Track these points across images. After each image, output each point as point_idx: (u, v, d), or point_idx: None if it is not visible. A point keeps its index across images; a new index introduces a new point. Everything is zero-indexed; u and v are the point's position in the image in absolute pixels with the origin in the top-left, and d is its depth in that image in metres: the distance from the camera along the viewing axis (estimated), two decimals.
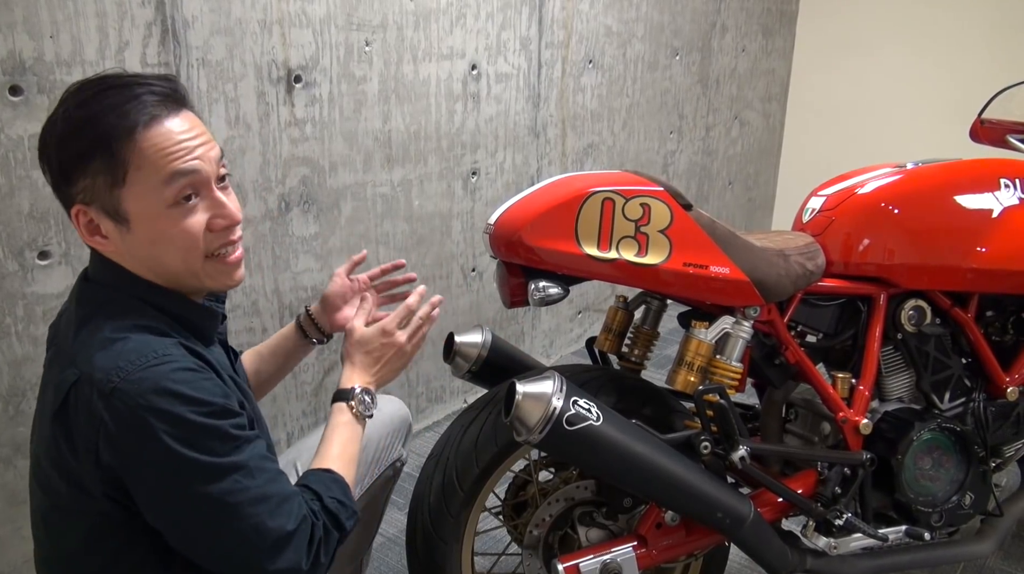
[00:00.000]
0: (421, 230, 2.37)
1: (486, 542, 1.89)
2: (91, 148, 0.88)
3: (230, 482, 0.89)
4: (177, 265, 0.95)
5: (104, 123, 0.88)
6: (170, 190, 0.91)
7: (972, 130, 1.87)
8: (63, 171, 0.90)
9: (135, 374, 0.86)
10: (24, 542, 1.62)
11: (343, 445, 1.09)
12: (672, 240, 1.24)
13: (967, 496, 1.50)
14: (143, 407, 0.85)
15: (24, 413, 1.57)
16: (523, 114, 2.61)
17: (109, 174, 0.89)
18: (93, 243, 0.94)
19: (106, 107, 0.88)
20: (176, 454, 0.86)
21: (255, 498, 0.91)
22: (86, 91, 0.91)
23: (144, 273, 0.96)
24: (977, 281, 1.46)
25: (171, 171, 0.90)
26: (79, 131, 0.88)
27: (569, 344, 3.17)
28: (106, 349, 0.89)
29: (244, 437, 0.93)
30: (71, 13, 1.50)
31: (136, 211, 0.91)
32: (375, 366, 1.18)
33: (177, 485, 0.88)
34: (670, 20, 3.20)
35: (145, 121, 0.89)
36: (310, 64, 1.94)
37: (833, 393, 1.43)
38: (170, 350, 0.91)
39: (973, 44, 3.53)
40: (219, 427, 0.90)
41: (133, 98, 0.89)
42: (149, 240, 0.93)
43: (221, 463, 0.89)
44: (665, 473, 1.20)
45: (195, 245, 0.95)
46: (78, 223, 0.93)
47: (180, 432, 0.87)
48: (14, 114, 1.46)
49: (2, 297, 1.50)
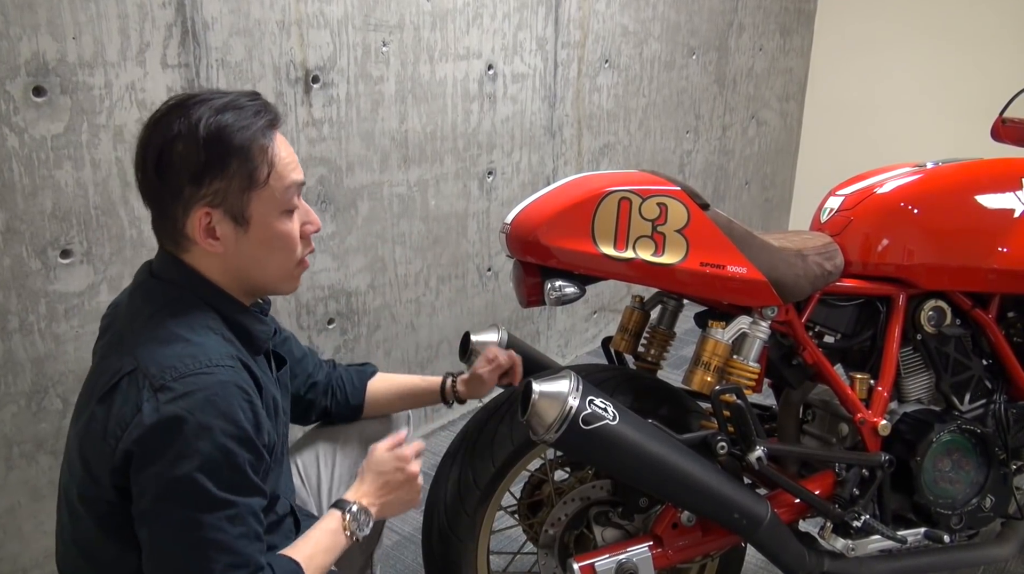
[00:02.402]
0: (437, 230, 2.38)
1: (501, 541, 1.90)
2: (229, 153, 0.95)
3: (214, 517, 0.89)
4: (278, 267, 1.03)
5: (241, 133, 0.95)
6: (287, 197, 1.00)
7: (993, 129, 1.85)
8: (196, 174, 0.94)
9: (188, 377, 0.89)
10: (46, 537, 1.64)
11: (319, 551, 1.05)
12: (689, 240, 1.23)
13: (987, 499, 1.48)
14: (183, 409, 0.88)
15: (46, 410, 1.60)
16: (539, 114, 2.62)
17: (245, 178, 0.96)
18: (206, 244, 0.98)
19: (238, 117, 0.96)
20: (187, 464, 0.88)
21: (223, 545, 0.90)
22: (203, 103, 0.95)
23: (225, 277, 1.01)
24: (998, 281, 1.44)
25: (291, 180, 1.00)
26: (216, 138, 0.94)
27: (585, 344, 3.16)
28: (167, 346, 0.92)
29: (251, 483, 0.93)
30: (93, 15, 1.52)
31: (258, 214, 0.98)
32: (382, 490, 1.13)
33: (168, 492, 0.89)
34: (687, 19, 3.19)
35: (273, 133, 0.99)
36: (328, 65, 1.95)
37: (851, 394, 1.42)
38: (226, 361, 0.93)
39: (994, 42, 3.49)
40: (238, 457, 0.91)
41: (255, 113, 0.98)
42: (261, 242, 1.00)
43: (217, 495, 0.89)
44: (681, 473, 1.20)
45: (295, 248, 1.03)
46: (199, 224, 0.97)
47: (205, 446, 0.88)
48: (37, 115, 1.48)
49: (25, 295, 1.53)
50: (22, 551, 1.62)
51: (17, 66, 1.43)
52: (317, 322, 2.10)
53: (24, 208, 1.49)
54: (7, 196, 1.47)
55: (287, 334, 1.33)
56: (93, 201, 1.59)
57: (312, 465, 1.34)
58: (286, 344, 1.31)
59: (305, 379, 1.33)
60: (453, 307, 2.51)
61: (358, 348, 2.23)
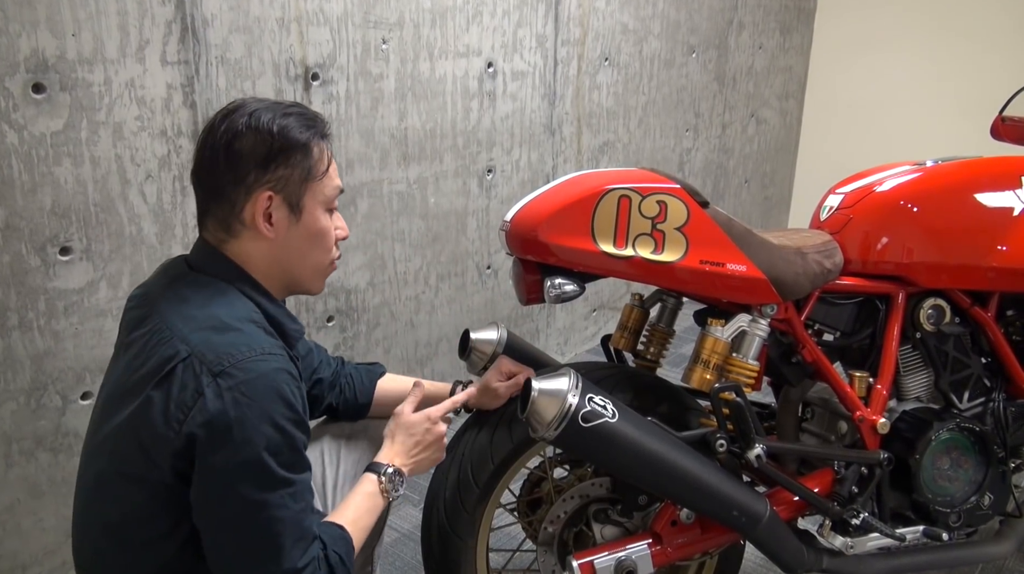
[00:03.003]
0: (437, 227, 2.38)
1: (501, 538, 1.90)
2: (295, 144, 1.04)
3: (277, 496, 0.95)
4: (317, 261, 1.11)
5: (306, 131, 1.05)
6: (331, 195, 1.10)
7: (993, 128, 1.85)
8: (263, 160, 1.03)
9: (245, 363, 0.95)
10: (46, 534, 1.65)
11: (360, 513, 1.12)
12: (689, 238, 1.23)
13: (986, 497, 1.48)
14: (246, 395, 0.93)
15: (45, 407, 1.60)
16: (539, 112, 2.61)
17: (306, 169, 1.05)
18: (262, 228, 1.04)
19: (300, 121, 1.06)
20: (253, 447, 0.93)
21: (289, 521, 0.96)
22: (265, 108, 1.05)
23: (266, 268, 1.07)
24: (998, 280, 1.45)
25: (337, 183, 1.11)
26: (285, 131, 1.04)
27: (584, 342, 3.16)
28: (221, 334, 0.97)
29: (304, 460, 1.01)
30: (93, 11, 1.52)
31: (310, 206, 1.07)
32: (414, 450, 1.21)
33: (236, 476, 0.94)
34: (687, 17, 3.19)
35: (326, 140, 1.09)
36: (327, 62, 1.95)
37: (850, 392, 1.42)
38: (277, 350, 0.99)
39: (994, 40, 3.49)
40: (296, 438, 0.98)
41: (314, 119, 1.08)
42: (307, 234, 1.08)
43: (280, 475, 0.96)
44: (680, 471, 1.20)
45: (331, 247, 1.12)
46: (257, 207, 1.03)
47: (267, 429, 0.94)
48: (37, 111, 1.47)
49: (25, 292, 1.53)
50: (21, 548, 1.62)
51: (16, 63, 1.43)
52: (316, 319, 2.10)
53: (23, 205, 1.49)
54: (6, 193, 1.47)
55: None
56: (92, 198, 1.59)
57: (317, 461, 1.34)
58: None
59: (310, 375, 1.35)
60: (452, 305, 2.51)
61: (357, 346, 2.23)
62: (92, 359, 1.64)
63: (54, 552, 1.67)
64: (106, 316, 1.64)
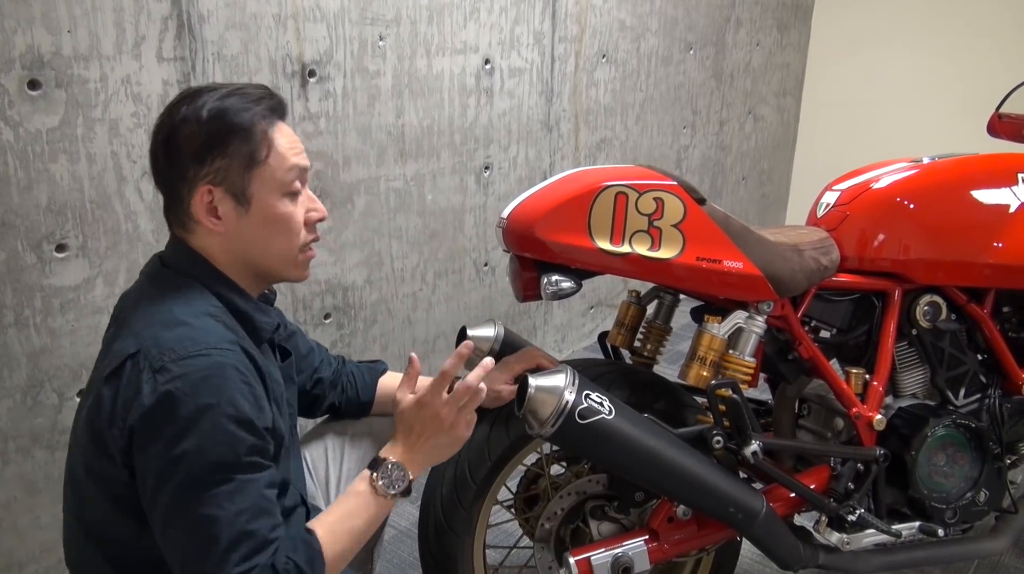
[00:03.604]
0: (434, 224, 2.38)
1: (498, 535, 1.90)
2: (231, 131, 0.99)
3: (209, 496, 0.90)
4: (281, 249, 1.05)
5: (243, 113, 1.00)
6: (288, 178, 1.03)
7: (990, 124, 1.86)
8: (198, 153, 0.98)
9: (185, 358, 0.91)
10: (43, 532, 1.64)
11: (342, 514, 1.03)
12: (685, 234, 1.23)
13: (982, 493, 1.49)
14: (179, 390, 0.90)
15: (42, 405, 1.59)
16: (536, 109, 2.61)
17: (247, 156, 1.00)
18: (208, 223, 1.01)
19: (241, 101, 1.00)
20: (182, 443, 0.89)
21: (224, 522, 0.89)
22: (211, 91, 1.01)
23: (230, 261, 1.04)
24: (994, 277, 1.45)
25: (292, 163, 1.03)
26: (219, 117, 0.99)
27: (581, 339, 3.17)
28: (169, 330, 0.94)
29: (251, 462, 0.93)
30: (88, 8, 1.51)
31: (259, 193, 1.01)
32: (414, 441, 1.10)
33: (167, 473, 0.90)
34: (684, 14, 3.19)
35: (277, 116, 1.03)
36: (324, 59, 1.95)
37: (847, 389, 1.42)
38: (225, 345, 0.95)
39: (991, 37, 3.50)
40: (235, 436, 0.91)
41: (260, 99, 1.02)
42: (262, 222, 1.02)
43: (211, 473, 0.89)
44: (677, 467, 1.20)
45: (298, 232, 1.06)
46: (200, 202, 1.00)
47: (201, 426, 0.90)
48: (32, 108, 1.47)
49: (20, 289, 1.52)
50: (18, 546, 1.62)
51: (12, 59, 1.43)
52: (314, 317, 2.10)
53: (19, 202, 1.49)
54: (2, 190, 1.46)
55: (294, 328, 1.34)
56: (88, 195, 1.58)
57: (320, 459, 1.34)
58: (293, 338, 1.31)
59: (311, 374, 1.34)
60: (450, 302, 2.51)
61: (355, 343, 2.23)
62: (88, 356, 1.64)
63: (51, 550, 1.67)
64: (102, 313, 1.64)
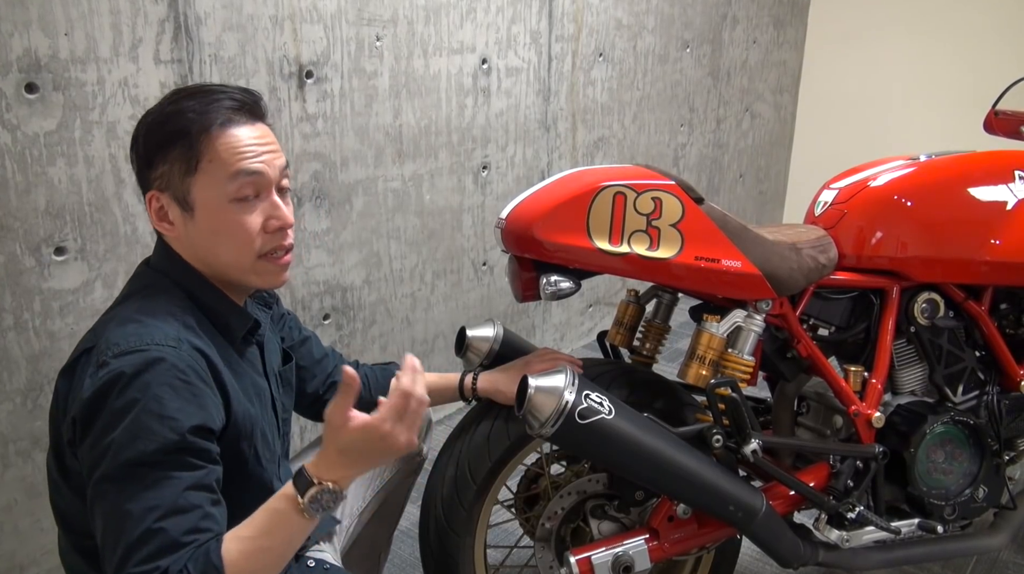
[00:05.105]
0: (432, 224, 2.38)
1: (498, 535, 1.90)
2: (172, 137, 0.98)
3: (117, 489, 0.88)
4: (231, 257, 1.02)
5: (186, 118, 0.98)
6: (233, 185, 0.99)
7: (986, 122, 1.86)
8: (147, 157, 1.00)
9: (124, 354, 0.91)
10: (43, 534, 1.64)
11: (257, 531, 0.91)
12: (684, 234, 1.24)
13: (980, 489, 1.49)
14: (109, 383, 0.90)
15: (42, 407, 1.59)
16: (533, 108, 2.61)
17: (184, 162, 0.98)
18: (160, 228, 1.02)
19: (191, 105, 0.99)
20: (102, 436, 0.89)
21: (134, 518, 0.86)
22: (179, 93, 1.02)
23: (197, 264, 1.04)
24: (991, 274, 1.45)
25: (237, 169, 0.99)
26: (165, 123, 0.99)
27: (580, 338, 3.17)
28: (122, 326, 0.95)
29: (174, 459, 0.89)
30: (85, 11, 1.51)
31: (202, 200, 0.99)
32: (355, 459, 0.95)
33: (92, 463, 0.90)
34: (680, 12, 3.19)
35: (222, 121, 0.99)
36: (321, 59, 1.95)
37: (845, 386, 1.43)
38: (167, 342, 0.93)
39: (987, 34, 3.50)
40: (157, 434, 0.89)
41: (215, 101, 1.00)
42: (209, 230, 1.01)
43: (125, 469, 0.88)
44: (677, 466, 1.21)
45: (249, 240, 1.02)
46: (151, 208, 1.02)
47: (124, 421, 0.89)
48: (30, 111, 1.47)
49: (20, 293, 1.52)
50: (18, 548, 1.62)
51: (9, 63, 1.43)
52: (313, 317, 2.10)
53: (17, 205, 1.49)
54: (0, 194, 1.46)
55: (308, 334, 1.34)
56: (87, 198, 1.58)
57: None
58: (305, 344, 1.32)
59: (324, 379, 1.34)
60: (448, 302, 2.51)
61: (354, 343, 2.23)
62: None
63: (51, 552, 1.66)
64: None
